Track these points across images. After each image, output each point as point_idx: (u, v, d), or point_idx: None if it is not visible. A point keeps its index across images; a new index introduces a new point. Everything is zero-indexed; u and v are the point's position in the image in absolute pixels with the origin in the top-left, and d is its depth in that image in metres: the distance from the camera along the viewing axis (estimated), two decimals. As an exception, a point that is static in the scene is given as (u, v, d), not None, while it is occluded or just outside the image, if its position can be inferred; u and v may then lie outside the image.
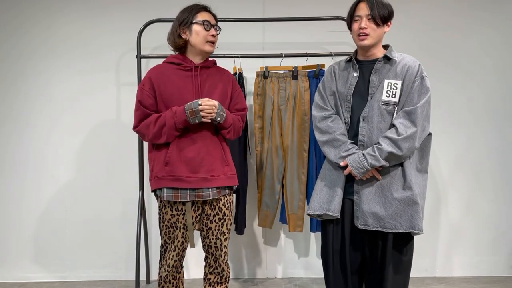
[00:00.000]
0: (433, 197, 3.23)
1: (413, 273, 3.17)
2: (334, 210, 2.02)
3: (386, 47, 2.09)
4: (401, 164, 2.00)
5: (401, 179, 1.99)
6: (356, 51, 2.14)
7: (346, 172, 2.02)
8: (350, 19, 2.05)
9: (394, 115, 1.99)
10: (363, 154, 1.97)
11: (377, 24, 1.99)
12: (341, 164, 2.02)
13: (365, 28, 1.98)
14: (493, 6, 3.21)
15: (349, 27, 2.09)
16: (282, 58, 2.92)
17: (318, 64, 2.85)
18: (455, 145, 3.24)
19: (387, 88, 1.98)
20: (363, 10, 1.99)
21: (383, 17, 1.99)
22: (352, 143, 2.04)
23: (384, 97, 1.98)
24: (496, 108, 3.23)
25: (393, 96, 1.98)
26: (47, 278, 3.22)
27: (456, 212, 3.24)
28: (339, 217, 2.04)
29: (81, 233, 3.21)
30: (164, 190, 2.09)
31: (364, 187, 2.01)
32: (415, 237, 3.08)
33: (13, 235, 3.21)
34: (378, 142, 1.97)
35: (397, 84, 1.98)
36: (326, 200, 2.06)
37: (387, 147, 1.93)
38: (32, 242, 3.21)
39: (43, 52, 3.20)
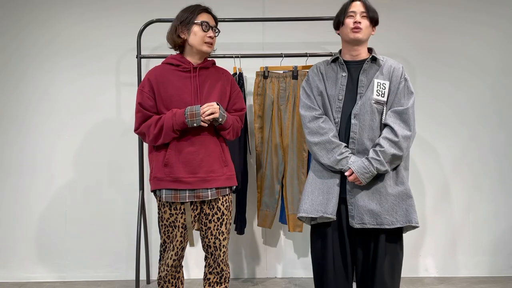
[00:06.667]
0: (433, 197, 3.23)
1: (413, 273, 3.21)
2: (332, 212, 2.01)
3: (370, 50, 2.14)
4: None
5: (394, 175, 2.03)
6: (340, 51, 2.17)
7: (350, 179, 2.00)
8: (344, 15, 2.06)
9: (384, 114, 2.04)
10: (367, 159, 1.97)
11: (370, 23, 2.06)
12: (346, 173, 2.00)
13: (359, 22, 2.04)
14: (492, 7, 3.22)
15: (337, 25, 2.12)
16: (282, 58, 2.93)
17: (318, 64, 2.85)
18: (455, 146, 3.24)
19: (377, 87, 2.04)
20: (359, 7, 2.05)
21: (374, 19, 2.08)
22: (346, 146, 2.04)
23: (374, 96, 2.03)
24: (496, 109, 3.24)
25: (382, 95, 2.04)
26: (47, 278, 3.22)
27: (456, 212, 3.24)
28: (335, 219, 2.02)
29: (81, 233, 3.22)
30: (164, 191, 2.10)
31: (357, 185, 2.01)
32: (417, 237, 3.12)
33: (13, 235, 3.21)
34: (379, 144, 1.98)
35: (385, 84, 2.04)
36: (320, 202, 2.03)
37: (389, 149, 1.96)
38: (32, 242, 3.22)
39: (44, 53, 3.21)
